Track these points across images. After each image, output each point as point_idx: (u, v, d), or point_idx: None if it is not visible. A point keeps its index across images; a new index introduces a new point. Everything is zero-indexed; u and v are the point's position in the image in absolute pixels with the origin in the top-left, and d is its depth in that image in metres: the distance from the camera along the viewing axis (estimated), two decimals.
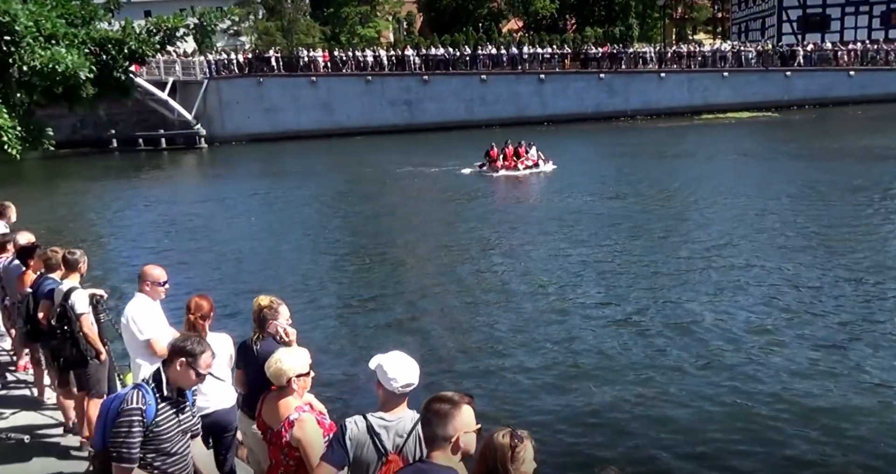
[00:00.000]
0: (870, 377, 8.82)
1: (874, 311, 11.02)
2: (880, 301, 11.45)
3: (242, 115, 45.70)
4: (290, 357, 4.44)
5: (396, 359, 3.87)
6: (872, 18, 54.79)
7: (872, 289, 12.00)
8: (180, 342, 4.11)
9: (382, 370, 3.81)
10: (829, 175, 23.18)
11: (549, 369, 9.58)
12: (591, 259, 14.91)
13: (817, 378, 8.84)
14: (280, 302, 5.31)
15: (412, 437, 3.72)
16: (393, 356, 3.90)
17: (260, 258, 16.72)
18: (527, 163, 27.76)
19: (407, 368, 3.83)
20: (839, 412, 8.04)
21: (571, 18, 70.50)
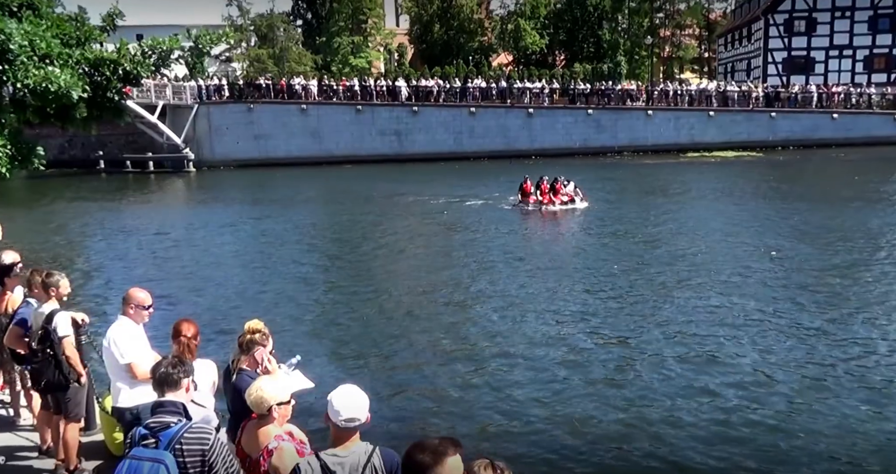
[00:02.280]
0: (837, 407, 8.86)
1: (848, 347, 11.07)
2: (853, 342, 11.51)
3: (231, 140, 45.76)
4: (271, 385, 4.39)
5: (344, 393, 3.83)
6: (855, 62, 55.84)
7: (847, 329, 12.06)
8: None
9: (330, 403, 3.77)
10: (811, 217, 23.40)
11: (531, 400, 9.53)
12: (576, 290, 14.93)
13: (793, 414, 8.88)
14: (266, 329, 5.27)
15: (367, 471, 3.68)
16: (342, 389, 3.86)
17: (244, 284, 16.63)
18: (562, 199, 26.43)
19: (352, 402, 3.79)
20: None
21: (561, 54, 71.39)
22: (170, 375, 4.09)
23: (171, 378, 4.09)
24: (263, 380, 4.46)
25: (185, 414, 4.04)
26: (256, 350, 5.10)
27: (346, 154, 45.78)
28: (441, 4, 65.80)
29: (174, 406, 4.03)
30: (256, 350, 5.10)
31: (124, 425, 5.75)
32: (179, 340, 5.33)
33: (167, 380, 4.09)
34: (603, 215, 24.96)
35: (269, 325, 5.48)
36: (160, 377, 4.10)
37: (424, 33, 66.95)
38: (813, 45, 56.17)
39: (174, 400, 4.06)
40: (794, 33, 56.23)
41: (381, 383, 10.32)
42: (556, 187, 26.81)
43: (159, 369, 4.14)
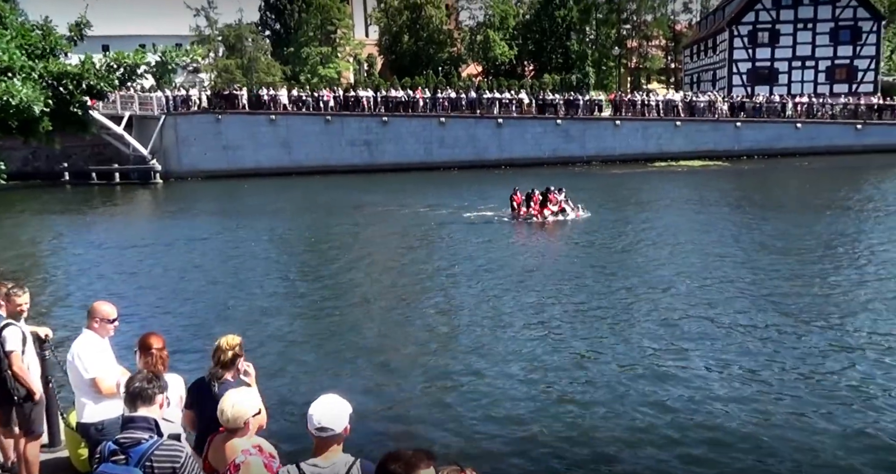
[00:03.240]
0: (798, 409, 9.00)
1: (807, 354, 11.24)
2: (814, 348, 11.69)
3: (199, 151, 45.40)
4: (245, 397, 4.36)
5: (321, 402, 3.84)
6: (818, 73, 56.97)
7: (808, 336, 12.24)
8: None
9: (309, 412, 3.78)
10: (776, 225, 23.75)
11: (507, 412, 9.55)
12: (545, 301, 14.99)
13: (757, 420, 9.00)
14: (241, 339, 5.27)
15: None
16: (322, 398, 3.87)
17: (213, 297, 16.46)
18: (552, 209, 25.95)
19: (328, 412, 3.79)
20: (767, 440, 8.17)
21: (530, 65, 71.94)
22: (145, 390, 4.02)
23: (146, 393, 4.02)
24: (236, 394, 4.41)
25: (156, 431, 3.97)
26: (239, 363, 5.11)
27: (315, 165, 45.62)
28: (410, 15, 66.02)
29: (146, 422, 3.95)
30: (239, 363, 5.11)
31: (89, 441, 5.66)
32: (151, 353, 5.26)
33: (142, 395, 4.01)
34: (578, 225, 25.12)
35: (240, 335, 5.44)
36: (134, 391, 4.02)
37: (394, 44, 67.12)
38: (776, 56, 57.24)
39: (146, 416, 3.98)
40: (758, 45, 57.26)
41: (357, 395, 10.25)
42: (549, 197, 26.32)
43: (133, 384, 4.06)
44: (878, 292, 14.87)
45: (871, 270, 16.93)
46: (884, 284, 15.52)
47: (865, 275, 16.41)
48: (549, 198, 26.24)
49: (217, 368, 5.08)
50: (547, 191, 26.56)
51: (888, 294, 14.72)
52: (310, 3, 61.62)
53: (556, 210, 25.89)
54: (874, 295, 14.67)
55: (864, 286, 15.41)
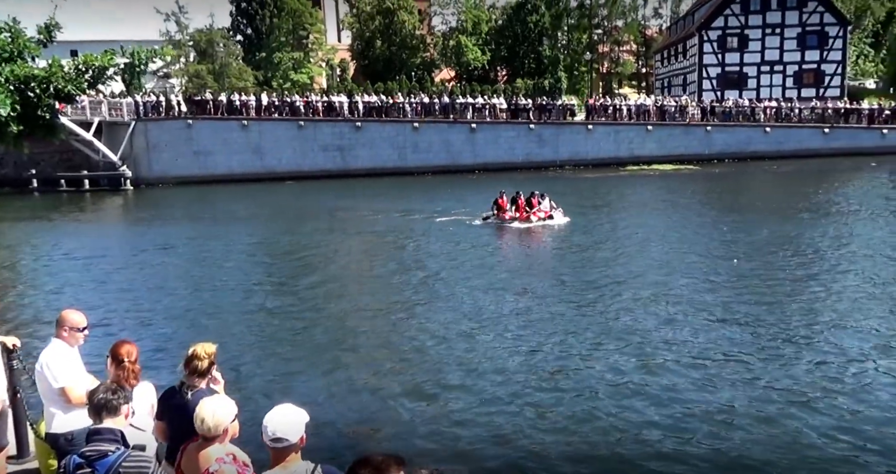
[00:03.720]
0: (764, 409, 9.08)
1: (773, 357, 11.36)
2: (784, 351, 11.81)
3: (170, 157, 45.01)
4: (224, 404, 4.31)
5: (276, 412, 3.81)
6: (786, 78, 57.86)
7: (778, 339, 12.37)
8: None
9: (263, 423, 3.74)
10: (746, 228, 23.99)
11: (478, 418, 9.52)
12: (518, 306, 15.01)
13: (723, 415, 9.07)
14: None
15: None
16: (276, 408, 3.84)
17: (184, 304, 16.27)
18: (539, 215, 25.76)
19: (282, 422, 3.76)
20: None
21: (502, 70, 72.21)
22: (109, 401, 3.95)
23: (111, 404, 3.95)
24: (212, 402, 4.34)
25: (122, 442, 3.90)
26: (212, 371, 5.05)
27: (288, 170, 45.42)
28: (383, 21, 65.99)
29: (112, 433, 3.89)
30: (212, 371, 5.05)
31: (58, 452, 5.54)
32: (123, 365, 5.16)
33: (107, 407, 3.94)
34: (557, 230, 25.18)
35: (203, 340, 5.37)
36: (99, 403, 3.95)
37: (367, 49, 67.03)
38: (745, 60, 58.03)
39: (112, 428, 3.91)
40: (728, 49, 58.02)
41: (329, 402, 10.20)
42: (532, 202, 26.16)
43: (97, 395, 3.99)
44: (845, 294, 15.07)
45: (838, 273, 17.15)
46: (852, 287, 15.72)
47: (833, 278, 16.62)
48: (531, 203, 26.14)
49: (192, 377, 5.00)
50: (530, 196, 26.47)
51: (855, 295, 14.92)
52: (282, 8, 61.40)
53: (542, 215, 25.79)
54: (841, 297, 14.86)
55: (833, 288, 15.61)
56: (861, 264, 17.85)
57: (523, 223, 25.56)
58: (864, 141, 48.72)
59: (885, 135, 48.83)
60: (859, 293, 15.08)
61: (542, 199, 26.34)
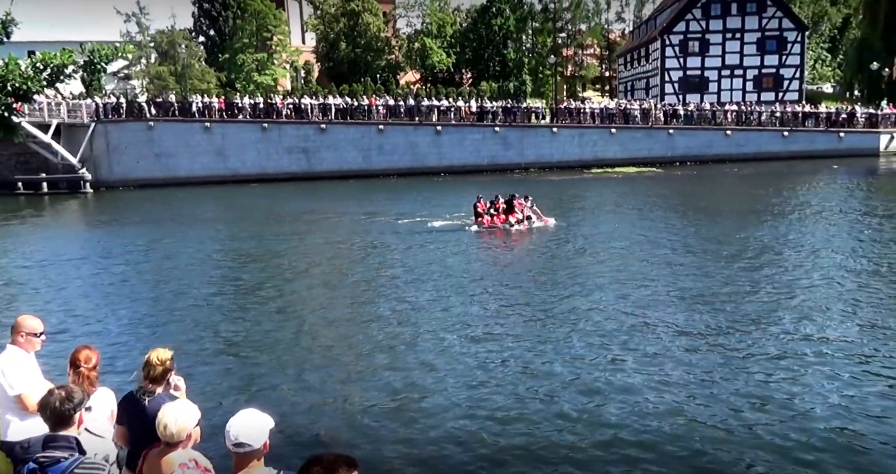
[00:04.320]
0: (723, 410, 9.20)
1: (739, 358, 11.51)
2: (745, 352, 11.98)
3: (131, 159, 44.39)
4: (186, 410, 4.25)
5: (239, 417, 3.77)
6: (746, 81, 58.85)
7: (739, 340, 12.53)
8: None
9: (226, 428, 3.70)
10: (707, 230, 24.31)
11: (435, 420, 9.50)
12: (484, 311, 15.03)
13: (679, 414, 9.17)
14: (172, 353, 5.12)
15: None
16: (240, 414, 3.81)
17: (145, 309, 16.02)
18: (518, 216, 25.15)
19: (245, 427, 3.72)
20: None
21: (467, 72, 72.41)
22: (61, 412, 3.90)
23: (64, 413, 3.90)
24: (174, 407, 4.29)
25: (77, 449, 3.85)
26: (169, 377, 4.98)
27: (252, 173, 45.07)
28: (348, 23, 65.82)
29: (66, 440, 3.85)
30: (169, 377, 4.98)
31: (14, 460, 5.41)
32: (79, 371, 5.07)
33: (59, 415, 3.89)
34: (532, 233, 25.25)
35: (170, 346, 5.29)
36: (51, 414, 3.90)
37: (331, 51, 66.80)
38: (707, 64, 58.91)
39: (67, 435, 3.88)
40: (689, 54, 58.86)
41: (294, 408, 10.10)
42: (515, 205, 25.51)
43: (49, 405, 3.92)
44: (805, 295, 15.31)
45: (797, 274, 17.41)
46: (810, 288, 15.98)
47: (793, 279, 16.87)
48: (513, 206, 25.58)
49: (147, 382, 4.94)
50: (511, 198, 25.92)
51: (814, 296, 15.18)
52: (245, 10, 60.93)
53: (521, 217, 25.21)
54: (801, 298, 15.09)
55: (792, 289, 15.85)
56: (819, 264, 18.17)
57: (501, 226, 25.11)
58: (822, 144, 49.67)
59: (841, 138, 49.86)
60: (817, 293, 15.33)
61: (524, 202, 25.85)
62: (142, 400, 4.89)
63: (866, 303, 14.46)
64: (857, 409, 9.39)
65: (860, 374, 10.62)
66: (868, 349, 11.70)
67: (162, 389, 4.96)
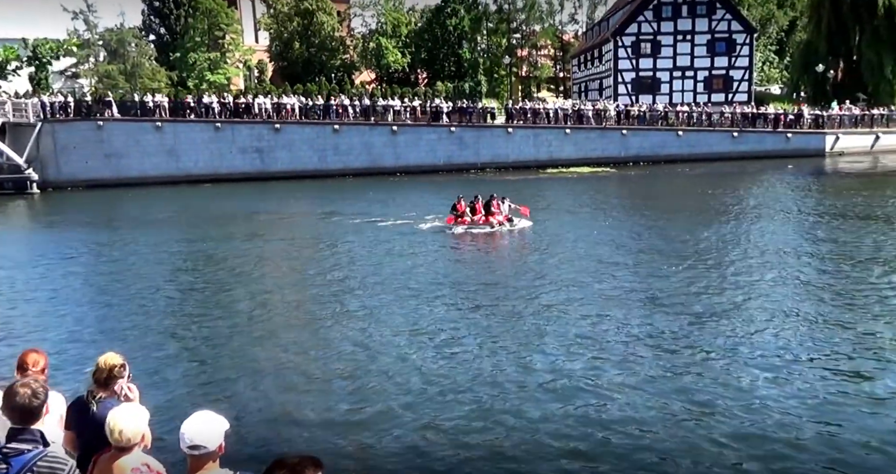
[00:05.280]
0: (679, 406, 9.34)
1: (684, 361, 11.71)
2: (697, 349, 12.18)
3: (80, 159, 43.40)
4: (136, 413, 4.17)
5: (194, 419, 3.74)
6: (697, 83, 59.83)
7: (690, 338, 12.75)
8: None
9: (181, 430, 3.66)
10: (660, 229, 24.67)
11: (399, 422, 9.47)
12: (440, 309, 15.04)
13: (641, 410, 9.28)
14: (124, 360, 5.01)
15: None
16: (194, 415, 3.77)
17: (94, 312, 15.69)
18: (499, 218, 25.02)
19: (200, 429, 3.68)
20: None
21: (423, 72, 72.39)
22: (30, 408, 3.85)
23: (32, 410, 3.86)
24: (124, 410, 4.20)
25: (42, 442, 3.83)
26: (116, 383, 4.87)
27: (205, 173, 44.41)
28: (301, 22, 65.29)
29: (31, 433, 3.82)
30: (116, 383, 4.87)
31: None
32: (27, 375, 4.92)
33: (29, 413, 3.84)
34: (500, 234, 25.31)
35: (124, 353, 5.18)
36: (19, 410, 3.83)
37: (285, 50, 66.19)
38: (658, 66, 59.75)
39: (32, 428, 3.85)
40: (641, 55, 59.64)
41: (250, 409, 9.98)
42: (492, 206, 25.32)
43: (16, 402, 3.85)
44: (753, 293, 15.63)
45: (750, 273, 17.77)
46: (756, 286, 16.32)
47: (746, 278, 17.20)
48: (490, 207, 25.34)
49: (95, 386, 4.85)
50: (490, 200, 25.67)
51: (761, 294, 15.50)
52: (196, 8, 60.04)
53: (502, 219, 25.09)
54: (749, 296, 15.40)
55: (738, 287, 16.16)
56: (771, 262, 18.56)
57: (481, 227, 24.84)
58: (770, 144, 50.77)
59: (789, 139, 50.99)
60: (769, 291, 15.66)
61: (502, 203, 25.66)
62: (90, 405, 4.79)
63: (818, 300, 14.82)
64: (810, 406, 9.60)
65: (813, 372, 10.87)
66: (820, 346, 11.98)
67: (109, 394, 4.85)
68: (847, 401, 9.62)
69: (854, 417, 9.15)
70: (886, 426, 8.90)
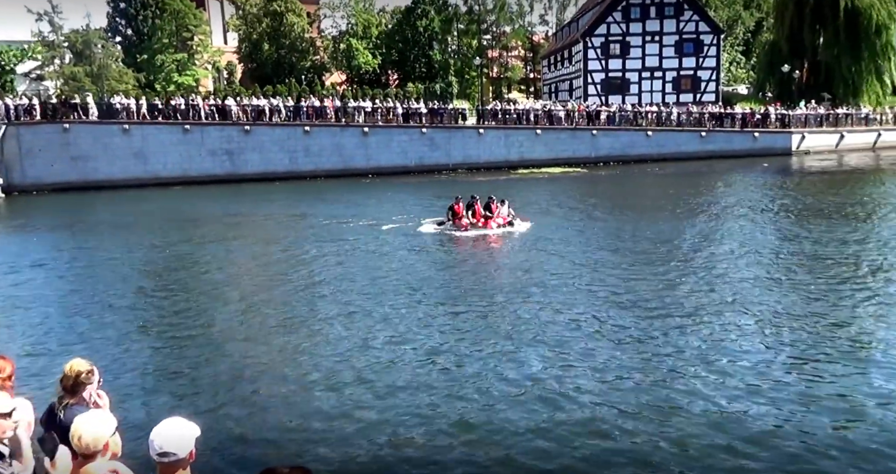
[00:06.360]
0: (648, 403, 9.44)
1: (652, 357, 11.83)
2: (670, 347, 12.30)
3: (45, 163, 42.71)
4: (100, 419, 4.10)
5: (164, 425, 3.70)
6: (665, 83, 60.43)
7: (663, 336, 12.87)
8: None
9: (150, 437, 3.63)
10: (631, 228, 24.85)
11: (385, 427, 9.45)
12: (414, 311, 15.04)
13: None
14: (92, 366, 4.94)
15: None
16: (164, 422, 3.73)
17: (63, 318, 15.43)
18: (498, 222, 24.37)
19: (169, 435, 3.65)
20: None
21: (394, 74, 72.30)
22: None
23: None
24: (89, 417, 4.14)
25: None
26: (84, 390, 4.81)
27: (174, 175, 43.96)
28: (271, 23, 64.91)
29: None
30: (84, 390, 4.81)
31: None
32: None
33: None
34: (493, 237, 25.31)
35: (94, 360, 5.12)
36: None
37: (254, 51, 65.77)
38: (627, 66, 60.27)
39: None
40: (611, 56, 60.11)
41: (222, 416, 9.89)
42: (492, 208, 24.81)
43: None
44: (725, 291, 15.83)
45: (714, 270, 17.99)
46: (726, 283, 16.53)
47: (708, 275, 17.41)
48: (490, 209, 24.82)
49: (63, 394, 4.79)
50: (489, 202, 25.18)
51: (733, 292, 15.70)
52: (163, 9, 59.43)
53: (501, 222, 24.52)
54: (719, 293, 15.60)
55: (706, 284, 16.36)
56: (738, 259, 18.80)
57: (481, 230, 24.27)
58: (738, 144, 51.43)
59: (756, 138, 51.69)
60: (738, 289, 15.86)
61: (500, 205, 25.12)
62: (57, 412, 4.73)
63: (783, 296, 15.04)
64: (777, 405, 9.73)
65: (781, 369, 11.02)
66: (788, 342, 12.16)
67: (77, 401, 4.79)
68: (815, 398, 9.77)
69: (818, 414, 9.30)
70: (853, 424, 9.05)
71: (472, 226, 24.50)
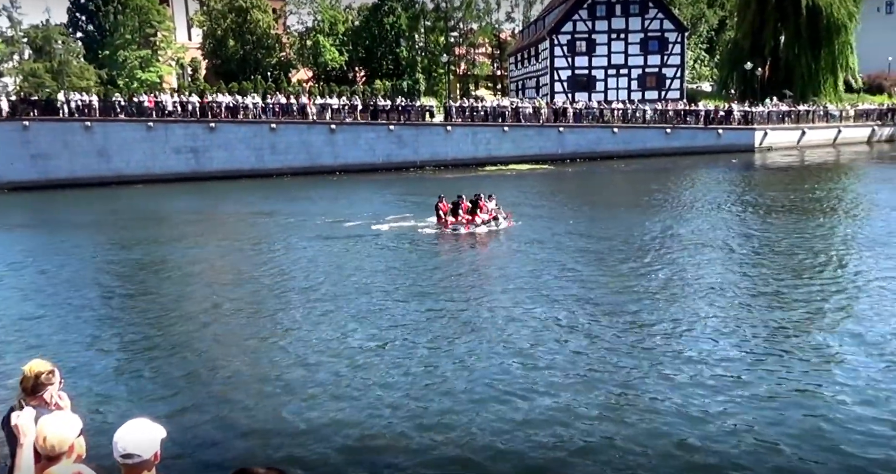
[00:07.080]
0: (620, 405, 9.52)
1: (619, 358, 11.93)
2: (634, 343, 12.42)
3: (4, 161, 41.87)
4: (64, 421, 4.03)
5: (127, 427, 3.65)
6: (631, 80, 60.93)
7: (627, 332, 12.99)
8: None
9: (114, 439, 3.57)
10: (593, 224, 25.04)
11: (359, 428, 9.41)
12: (385, 310, 15.00)
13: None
14: (53, 366, 4.83)
15: None
16: (128, 423, 3.68)
17: (19, 318, 15.12)
18: (483, 217, 24.10)
19: (133, 437, 3.59)
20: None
21: (361, 71, 72.00)
22: None
23: None
24: (53, 418, 4.07)
25: None
26: (45, 391, 4.69)
27: (137, 173, 43.36)
28: (236, 19, 64.25)
29: None
30: (45, 391, 4.69)
31: None
32: None
33: None
34: (427, 232, 25.26)
35: (56, 362, 5.01)
36: None
37: (219, 48, 65.07)
38: (594, 64, 60.65)
39: None
40: (577, 53, 60.43)
41: (189, 416, 9.77)
42: (480, 205, 24.55)
43: None
44: (687, 285, 16.01)
45: (678, 266, 18.19)
46: (690, 279, 16.72)
47: (673, 271, 17.60)
48: (478, 206, 24.56)
49: (23, 396, 4.68)
50: (477, 199, 24.90)
51: (694, 286, 15.88)
52: (125, 5, 58.55)
53: (487, 218, 24.17)
54: (683, 289, 15.77)
55: (671, 281, 16.54)
56: (702, 253, 19.03)
57: (468, 227, 24.03)
58: (702, 140, 52.08)
59: (720, 135, 52.37)
60: (701, 283, 16.05)
61: (488, 201, 24.84)
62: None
63: (748, 291, 15.24)
64: (737, 401, 9.85)
65: (743, 365, 11.16)
66: (751, 336, 12.32)
67: (38, 403, 4.69)
68: (777, 394, 9.91)
69: (780, 410, 9.43)
70: (815, 419, 9.19)
71: (458, 224, 24.36)
